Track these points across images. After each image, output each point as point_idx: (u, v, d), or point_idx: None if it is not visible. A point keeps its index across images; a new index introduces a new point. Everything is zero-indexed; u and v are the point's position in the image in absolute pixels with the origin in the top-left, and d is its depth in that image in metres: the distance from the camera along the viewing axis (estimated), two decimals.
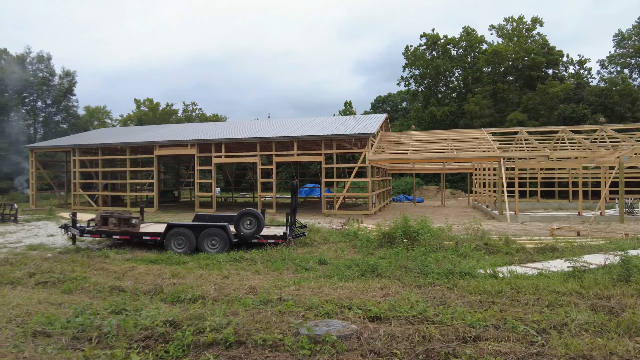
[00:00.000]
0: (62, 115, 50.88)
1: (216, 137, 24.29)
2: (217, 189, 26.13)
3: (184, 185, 38.84)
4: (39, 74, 48.44)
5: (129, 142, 25.75)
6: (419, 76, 49.95)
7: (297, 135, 22.22)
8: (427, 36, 48.90)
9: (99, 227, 11.36)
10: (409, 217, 11.25)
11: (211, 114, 64.71)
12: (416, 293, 6.27)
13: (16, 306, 5.61)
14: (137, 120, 58.00)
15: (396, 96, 64.69)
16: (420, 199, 34.00)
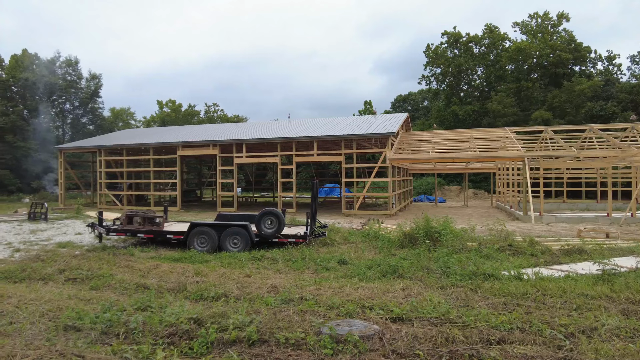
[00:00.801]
0: (88, 117, 52.41)
1: (237, 137, 24.58)
2: (238, 189, 26.42)
3: (206, 185, 39.46)
4: (68, 77, 50.03)
5: (153, 143, 26.31)
6: (440, 75, 49.33)
7: (317, 135, 22.26)
8: (449, 34, 48.24)
9: (124, 225, 11.66)
10: (430, 218, 11.12)
11: (232, 115, 65.49)
12: (439, 294, 6.19)
13: (48, 301, 5.80)
14: (160, 122, 59.22)
15: (417, 95, 64.05)
16: (442, 199, 33.57)
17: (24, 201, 32.93)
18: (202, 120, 61.70)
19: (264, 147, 24.67)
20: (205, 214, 21.41)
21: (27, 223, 18.05)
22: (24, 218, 19.71)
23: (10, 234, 14.61)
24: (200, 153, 25.74)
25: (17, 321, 4.95)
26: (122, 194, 27.84)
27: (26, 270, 8.09)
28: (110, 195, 28.18)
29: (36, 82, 44.86)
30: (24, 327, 4.72)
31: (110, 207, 26.53)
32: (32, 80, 44.64)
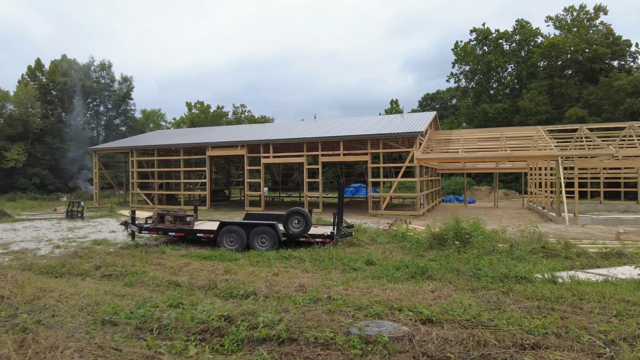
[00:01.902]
0: (121, 118, 54.17)
1: (264, 138, 24.86)
2: (265, 189, 26.72)
3: (234, 184, 40.09)
4: (101, 81, 51.87)
5: (183, 144, 26.93)
6: (469, 72, 48.31)
7: (343, 135, 22.22)
8: (478, 31, 47.16)
9: (156, 224, 11.99)
10: (460, 219, 10.91)
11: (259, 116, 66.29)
12: (469, 297, 6.07)
13: (86, 296, 6.04)
14: (189, 123, 60.55)
15: (445, 93, 62.94)
16: (471, 200, 32.87)
17: (62, 200, 34.41)
18: (230, 121, 62.73)
19: (291, 147, 24.83)
20: (233, 213, 21.75)
21: (65, 221, 18.84)
22: (62, 216, 20.59)
23: (50, 231, 15.29)
24: (229, 153, 26.16)
25: (58, 314, 5.18)
26: (154, 193, 28.66)
27: (65, 266, 8.44)
28: (141, 194, 29.05)
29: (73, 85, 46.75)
30: (65, 320, 4.94)
31: (142, 206, 27.34)
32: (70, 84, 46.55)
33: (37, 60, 47.51)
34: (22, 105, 41.90)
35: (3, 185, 39.50)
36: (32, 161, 41.61)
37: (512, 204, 30.45)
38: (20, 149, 39.92)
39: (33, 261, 9.08)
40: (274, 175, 41.48)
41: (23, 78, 46.53)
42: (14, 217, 19.56)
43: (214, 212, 23.64)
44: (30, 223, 17.83)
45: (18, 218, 19.55)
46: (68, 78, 46.92)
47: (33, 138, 42.58)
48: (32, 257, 10.02)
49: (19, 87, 43.29)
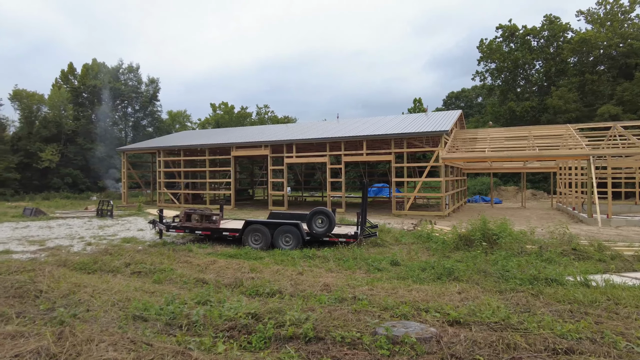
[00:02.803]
0: (148, 119, 55.55)
1: (287, 138, 25.01)
2: (288, 188, 26.90)
3: (257, 184, 40.52)
4: (129, 83, 53.32)
5: (208, 144, 27.39)
6: (495, 70, 47.21)
7: (366, 134, 22.13)
8: (504, 27, 46.05)
9: (183, 222, 12.24)
10: (487, 219, 10.70)
11: (282, 116, 66.71)
12: (497, 299, 5.95)
13: (117, 292, 6.22)
14: (214, 123, 61.53)
15: (470, 91, 61.79)
16: (497, 200, 32.16)
17: (92, 199, 35.56)
18: (253, 121, 63.39)
19: (313, 147, 24.90)
20: (257, 212, 21.98)
21: (95, 219, 19.47)
22: (92, 214, 21.28)
23: (82, 228, 15.83)
24: (253, 153, 26.45)
25: (92, 309, 5.36)
26: (180, 193, 29.27)
27: (97, 263, 8.70)
28: (168, 193, 29.72)
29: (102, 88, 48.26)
30: (99, 314, 5.11)
31: (169, 205, 27.97)
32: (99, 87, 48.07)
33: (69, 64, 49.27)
34: (56, 107, 43.52)
35: (38, 184, 41.16)
36: (65, 161, 43.18)
37: (540, 204, 29.63)
38: (53, 149, 41.49)
39: (67, 257, 9.41)
40: (296, 175, 41.70)
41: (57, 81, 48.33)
42: (48, 216, 20.34)
43: (238, 211, 23.95)
44: (64, 221, 18.50)
45: (52, 216, 20.33)
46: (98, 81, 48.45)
47: (65, 139, 44.17)
48: (66, 253, 10.39)
49: (53, 90, 45.00)
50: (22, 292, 5.94)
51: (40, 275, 6.77)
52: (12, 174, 38.84)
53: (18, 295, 5.86)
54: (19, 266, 7.44)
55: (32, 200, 32.35)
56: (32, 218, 19.38)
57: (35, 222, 18.01)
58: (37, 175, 41.55)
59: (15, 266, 7.41)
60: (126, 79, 53.49)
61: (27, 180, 40.86)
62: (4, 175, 38.07)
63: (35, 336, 4.12)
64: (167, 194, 29.78)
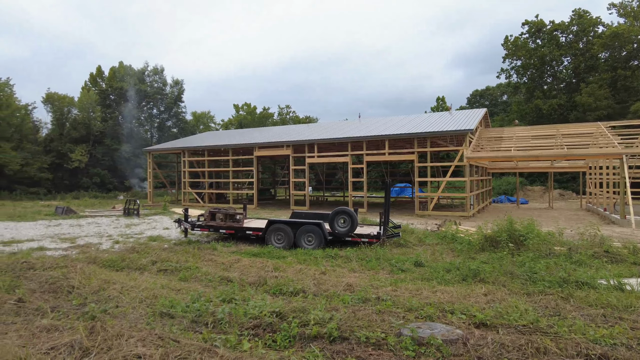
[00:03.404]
0: (172, 120, 56.69)
1: (309, 138, 25.07)
2: (309, 188, 26.97)
3: (279, 184, 40.79)
4: (155, 85, 54.52)
5: (232, 144, 27.74)
6: (520, 67, 46.06)
7: (388, 134, 21.96)
8: (530, 23, 44.86)
9: (207, 221, 12.43)
10: (513, 220, 10.46)
11: (304, 116, 66.92)
12: (525, 301, 5.81)
13: (145, 289, 6.37)
14: (237, 124, 62.27)
15: (495, 90, 60.54)
16: (523, 201, 31.39)
17: (119, 198, 36.52)
18: (275, 122, 63.85)
19: (335, 147, 24.88)
20: (280, 212, 22.12)
21: (122, 218, 19.99)
22: (120, 213, 21.86)
23: (110, 227, 16.28)
24: (275, 153, 26.64)
25: (121, 305, 5.51)
26: (204, 192, 29.76)
27: (125, 261, 8.93)
28: (193, 193, 30.25)
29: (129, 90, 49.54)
30: (127, 310, 5.24)
31: (193, 204, 28.46)
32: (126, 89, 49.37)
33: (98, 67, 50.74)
34: (85, 109, 44.95)
35: (68, 184, 42.60)
36: (93, 162, 44.55)
37: (568, 205, 28.76)
38: (83, 150, 42.87)
39: (97, 255, 9.70)
40: (317, 174, 41.77)
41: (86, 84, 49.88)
42: (78, 214, 21.01)
43: (260, 210, 24.16)
44: (93, 219, 19.07)
45: (82, 215, 20.98)
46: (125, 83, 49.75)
47: (94, 140, 45.55)
48: (95, 251, 10.70)
49: (82, 93, 46.48)
50: (55, 288, 6.16)
51: (72, 272, 7.00)
52: (44, 174, 40.32)
53: (52, 290, 6.08)
54: (52, 263, 7.72)
55: (63, 200, 33.50)
56: (64, 216, 20.06)
57: (66, 220, 18.63)
58: (68, 175, 43.01)
59: (49, 262, 7.69)
60: (151, 81, 54.73)
61: (59, 180, 42.34)
62: (38, 175, 39.55)
63: (68, 330, 4.27)
64: (192, 193, 30.32)
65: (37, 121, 46.03)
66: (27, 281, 6.49)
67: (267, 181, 42.48)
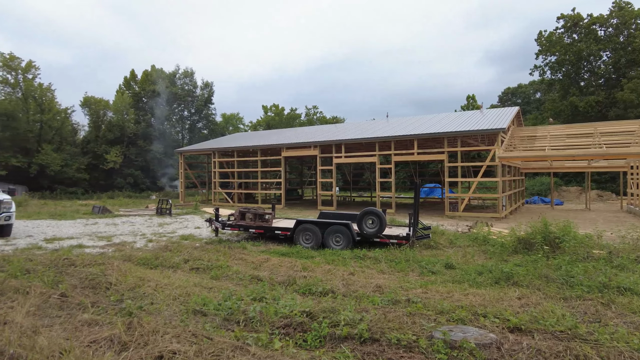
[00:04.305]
0: (203, 122, 57.94)
1: (336, 138, 25.07)
2: (336, 188, 26.97)
3: (306, 184, 40.99)
4: (185, 87, 55.87)
5: (260, 145, 28.10)
6: (555, 63, 44.46)
7: (417, 133, 21.68)
8: (566, 17, 43.21)
9: (237, 221, 12.63)
10: (548, 221, 10.11)
11: (331, 117, 67.01)
12: (562, 306, 5.61)
13: (178, 287, 6.53)
14: (265, 125, 63.03)
15: (528, 87, 58.73)
16: (558, 202, 30.31)
17: (152, 198, 37.63)
18: (302, 122, 64.23)
19: (362, 147, 24.77)
20: (307, 212, 22.22)
21: (155, 217, 20.58)
22: (152, 213, 22.51)
23: (143, 226, 16.79)
24: (302, 154, 26.78)
25: (156, 302, 5.67)
26: (233, 192, 30.26)
27: (159, 259, 9.18)
28: (222, 193, 30.83)
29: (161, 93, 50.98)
30: (162, 308, 5.39)
31: (223, 204, 28.99)
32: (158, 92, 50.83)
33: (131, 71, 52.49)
34: (119, 112, 46.57)
35: (104, 184, 44.25)
36: (127, 162, 46.10)
37: (607, 206, 27.54)
38: (117, 151, 44.44)
39: (131, 253, 10.02)
40: (344, 174, 41.71)
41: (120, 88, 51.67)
42: (113, 213, 21.79)
43: (288, 210, 24.34)
44: (127, 218, 19.73)
45: (117, 214, 21.75)
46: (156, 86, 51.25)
47: (127, 141, 47.12)
48: (130, 249, 11.06)
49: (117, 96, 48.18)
50: (95, 284, 6.42)
51: (109, 269, 7.27)
52: (82, 174, 42.06)
53: (91, 286, 6.33)
54: (91, 260, 8.04)
55: (99, 199, 34.86)
56: (100, 215, 20.85)
57: (102, 219, 19.36)
58: (103, 175, 44.68)
59: (88, 260, 8.02)
60: (182, 83, 56.13)
61: (95, 180, 44.04)
62: (76, 176, 41.30)
63: (108, 325, 4.43)
64: (222, 193, 30.90)
65: (75, 124, 48.13)
66: (68, 277, 6.78)
67: (294, 181, 42.77)
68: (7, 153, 37.19)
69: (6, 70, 39.03)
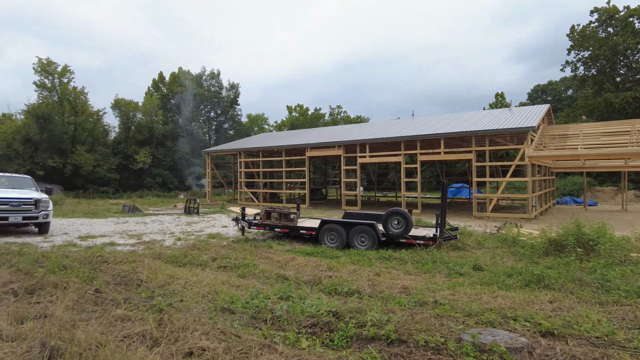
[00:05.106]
0: (229, 122, 58.82)
1: (361, 137, 24.96)
2: (360, 188, 26.87)
3: (330, 184, 41.00)
4: (212, 89, 56.85)
5: (285, 145, 28.30)
6: (588, 59, 42.81)
7: (443, 132, 21.34)
8: (600, 11, 41.55)
9: (263, 220, 12.77)
10: (582, 222, 9.77)
11: (355, 116, 66.78)
12: (597, 311, 5.40)
13: (206, 285, 6.66)
14: (289, 125, 63.43)
15: (559, 84, 56.85)
16: (592, 202, 29.21)
17: (180, 197, 38.48)
18: (326, 122, 64.27)
19: (387, 147, 24.57)
20: (331, 212, 22.23)
21: (183, 216, 21.04)
22: (180, 212, 23.03)
23: (172, 224, 17.20)
24: (326, 154, 26.80)
25: (185, 299, 5.80)
26: (259, 192, 30.61)
27: (187, 257, 9.38)
28: (248, 192, 31.23)
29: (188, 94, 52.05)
30: (191, 305, 5.51)
31: (248, 203, 29.35)
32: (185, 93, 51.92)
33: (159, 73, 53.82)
34: (148, 113, 47.83)
35: (134, 184, 45.54)
36: (156, 163, 47.29)
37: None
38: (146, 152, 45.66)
39: (161, 251, 10.28)
40: (369, 174, 41.49)
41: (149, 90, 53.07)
42: (143, 212, 22.41)
43: (312, 210, 24.41)
44: (156, 217, 20.25)
45: (146, 213, 22.36)
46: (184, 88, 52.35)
47: (156, 142, 48.33)
48: (159, 247, 11.34)
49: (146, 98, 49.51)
50: (126, 281, 6.62)
51: (140, 266, 7.48)
52: (113, 174, 43.43)
53: (123, 283, 6.53)
54: (122, 257, 8.30)
55: (129, 198, 35.91)
56: (130, 214, 21.48)
57: (132, 217, 19.94)
58: (133, 175, 45.99)
59: (120, 257, 8.28)
60: (209, 85, 57.14)
61: (125, 180, 45.39)
62: (107, 176, 42.68)
63: (139, 321, 4.57)
64: (247, 192, 31.30)
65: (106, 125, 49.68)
66: (102, 274, 7.02)
67: (318, 181, 42.85)
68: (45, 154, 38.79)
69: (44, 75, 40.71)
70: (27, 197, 13.20)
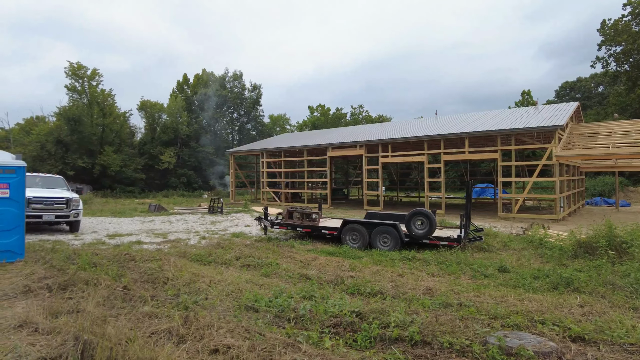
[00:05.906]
0: (252, 123, 59.45)
1: (383, 137, 24.79)
2: (382, 188, 26.70)
3: (352, 183, 40.91)
4: (235, 90, 57.57)
5: (306, 145, 28.39)
6: (621, 54, 41.26)
7: (468, 131, 20.97)
8: (633, 4, 39.98)
9: (285, 220, 12.86)
10: (613, 224, 9.43)
11: (376, 115, 66.42)
12: (631, 316, 5.21)
13: (230, 283, 6.75)
14: (311, 125, 63.62)
15: (588, 80, 55.02)
16: (624, 203, 28.14)
17: (204, 197, 39.13)
18: (348, 122, 64.15)
19: (409, 146, 24.33)
20: (353, 212, 22.17)
21: (207, 215, 21.38)
22: (205, 211, 23.40)
23: (197, 223, 17.50)
24: (348, 154, 26.75)
25: (210, 297, 5.89)
26: (281, 192, 30.83)
27: (211, 255, 9.53)
28: (270, 192, 31.50)
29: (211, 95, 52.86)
30: (215, 303, 5.59)
31: (270, 203, 29.60)
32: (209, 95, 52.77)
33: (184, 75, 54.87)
34: (173, 115, 48.84)
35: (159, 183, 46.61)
36: (180, 163, 48.26)
37: None
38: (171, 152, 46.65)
39: (186, 249, 10.49)
40: (391, 174, 41.18)
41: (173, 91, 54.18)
42: (168, 211, 22.89)
43: (334, 210, 24.41)
44: (181, 216, 20.65)
45: (171, 212, 22.82)
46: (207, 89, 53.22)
47: (181, 143, 49.31)
48: (184, 246, 11.57)
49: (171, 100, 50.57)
50: (153, 278, 6.78)
51: (166, 265, 7.65)
52: (139, 174, 44.58)
53: (150, 281, 6.69)
54: (149, 255, 8.51)
55: (154, 198, 36.78)
56: (156, 213, 21.98)
57: (158, 217, 20.40)
58: (158, 175, 47.07)
59: (147, 255, 8.49)
60: (232, 86, 57.89)
61: (151, 179, 46.50)
62: (134, 176, 43.84)
63: (166, 318, 4.68)
64: (270, 192, 31.57)
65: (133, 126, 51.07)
66: (129, 271, 7.22)
67: (339, 181, 42.81)
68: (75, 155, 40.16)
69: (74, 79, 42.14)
70: (59, 197, 13.68)
